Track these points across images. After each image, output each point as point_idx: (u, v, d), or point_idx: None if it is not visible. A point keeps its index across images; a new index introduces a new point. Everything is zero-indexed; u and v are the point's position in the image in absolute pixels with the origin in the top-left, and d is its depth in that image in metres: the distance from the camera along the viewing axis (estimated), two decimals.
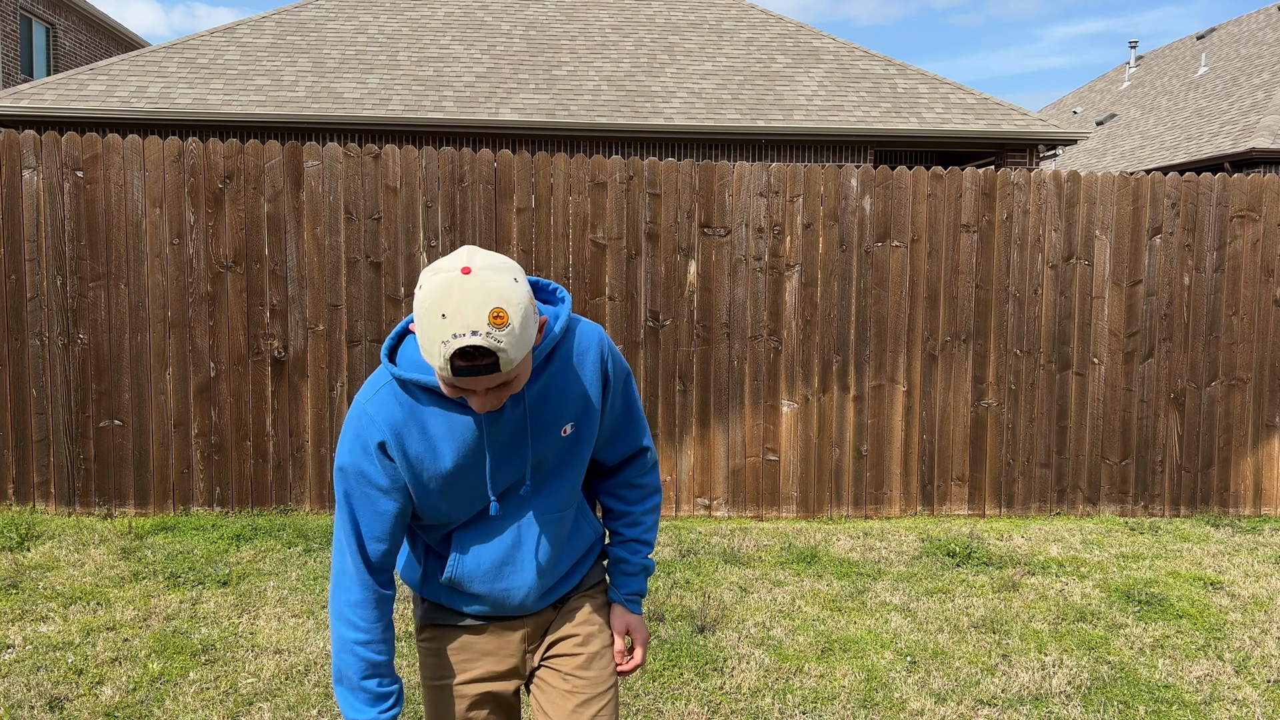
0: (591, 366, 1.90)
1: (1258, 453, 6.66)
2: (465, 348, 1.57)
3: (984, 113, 12.86)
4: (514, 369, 1.65)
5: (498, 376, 1.64)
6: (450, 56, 13.54)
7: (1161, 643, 4.38)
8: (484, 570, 1.92)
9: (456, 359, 1.58)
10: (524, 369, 1.70)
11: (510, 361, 1.61)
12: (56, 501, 5.93)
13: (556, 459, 1.91)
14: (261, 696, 3.65)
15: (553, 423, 1.86)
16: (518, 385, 1.71)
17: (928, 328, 6.41)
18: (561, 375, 1.86)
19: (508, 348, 1.59)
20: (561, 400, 1.87)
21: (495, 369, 1.61)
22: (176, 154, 5.91)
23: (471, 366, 1.60)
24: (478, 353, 1.58)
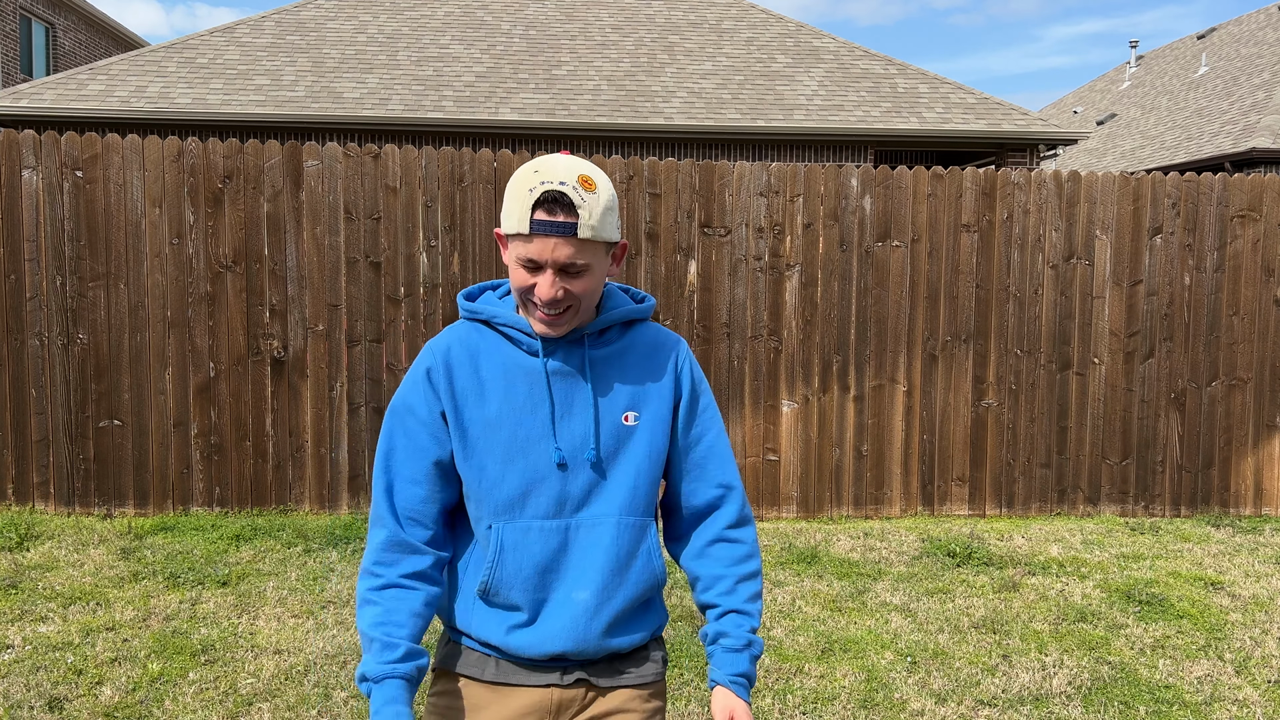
0: (664, 361, 1.80)
1: (1258, 453, 6.65)
2: (551, 192, 1.58)
3: (984, 112, 12.85)
4: (589, 248, 1.63)
5: (571, 244, 1.60)
6: (450, 56, 13.54)
7: (1162, 643, 4.37)
8: (526, 573, 1.71)
9: (539, 209, 1.58)
10: (597, 268, 1.66)
11: (590, 229, 1.60)
12: (56, 501, 5.93)
13: (616, 446, 1.74)
14: (261, 696, 3.65)
15: (614, 397, 1.75)
16: (586, 285, 1.65)
17: (928, 328, 6.40)
18: (632, 354, 1.78)
19: (589, 210, 1.60)
20: (625, 377, 1.76)
21: (572, 231, 1.59)
22: (176, 154, 5.91)
23: (551, 221, 1.59)
24: (562, 203, 1.59)
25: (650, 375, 1.78)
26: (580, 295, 1.66)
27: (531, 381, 1.72)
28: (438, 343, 1.76)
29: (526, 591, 1.71)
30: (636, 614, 1.78)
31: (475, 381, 1.73)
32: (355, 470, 6.10)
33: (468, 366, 1.74)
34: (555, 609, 1.71)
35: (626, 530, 1.73)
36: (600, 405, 1.73)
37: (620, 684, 1.77)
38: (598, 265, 1.67)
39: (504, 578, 1.71)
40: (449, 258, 6.11)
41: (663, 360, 1.80)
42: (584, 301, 1.68)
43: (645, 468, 1.75)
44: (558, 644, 1.70)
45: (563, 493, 1.72)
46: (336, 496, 6.10)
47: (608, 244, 1.69)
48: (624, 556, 1.73)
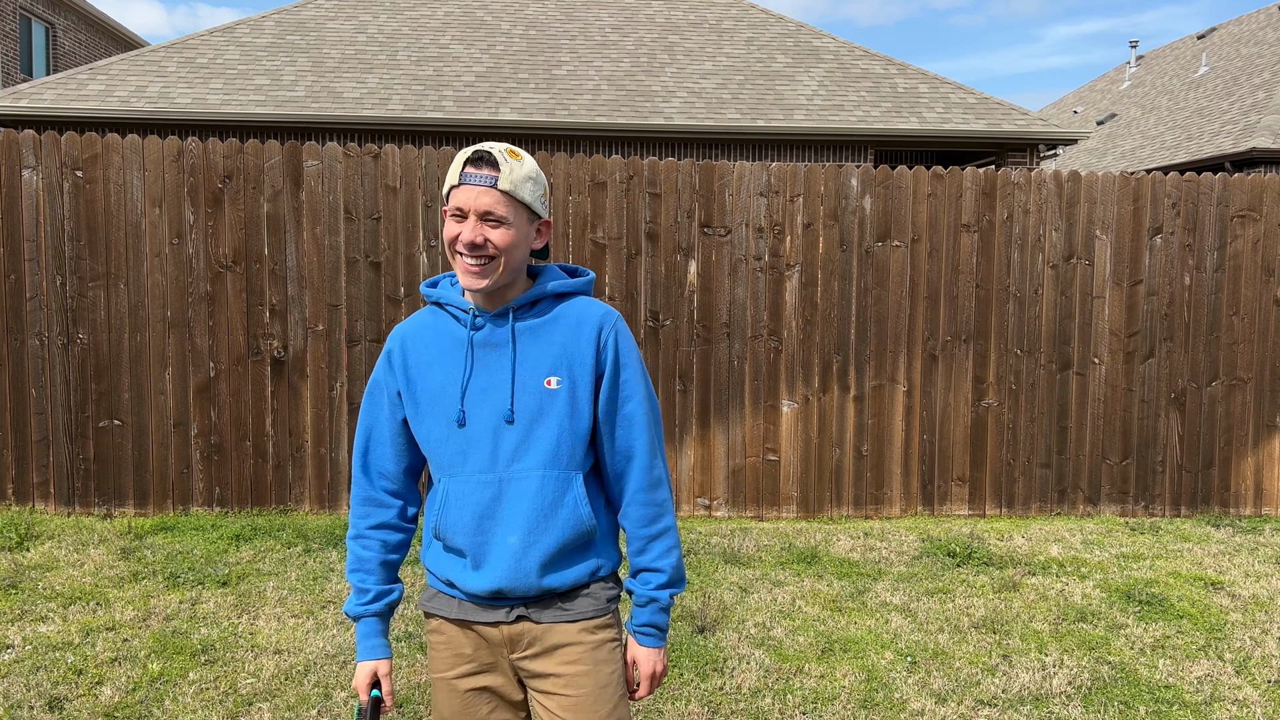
0: (588, 332, 1.98)
1: (1258, 453, 6.65)
2: (479, 152, 1.90)
3: (984, 112, 12.85)
4: (506, 202, 1.89)
5: (489, 194, 1.88)
6: (450, 56, 13.53)
7: (1162, 643, 4.37)
8: (466, 520, 1.95)
9: (468, 165, 1.89)
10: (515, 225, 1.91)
11: (508, 183, 1.88)
12: (56, 501, 5.93)
13: (538, 409, 1.95)
14: (261, 696, 3.65)
15: (537, 361, 1.96)
16: (505, 238, 1.90)
17: (928, 328, 6.40)
18: (560, 324, 1.98)
19: (510, 171, 1.89)
20: (550, 343, 1.97)
21: (492, 182, 1.88)
22: (176, 154, 5.91)
23: (475, 173, 1.89)
24: (485, 160, 1.89)
25: (575, 344, 1.97)
26: (500, 247, 1.90)
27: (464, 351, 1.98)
28: (399, 328, 2.07)
29: (468, 535, 1.95)
30: (569, 557, 1.98)
31: (425, 357, 2.00)
32: None
33: (420, 345, 2.01)
34: (492, 551, 1.95)
35: (550, 482, 1.95)
36: (521, 371, 1.96)
37: (561, 619, 1.98)
38: (516, 223, 1.92)
39: (449, 524, 1.97)
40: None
41: (589, 332, 1.98)
42: (504, 256, 1.91)
43: (567, 426, 1.95)
44: (494, 581, 1.94)
45: (495, 450, 1.95)
46: (336, 496, 6.10)
47: (529, 210, 1.95)
48: (548, 505, 1.94)
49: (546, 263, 2.10)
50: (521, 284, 2.01)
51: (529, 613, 1.98)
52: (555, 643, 1.98)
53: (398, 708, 3.59)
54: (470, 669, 2.01)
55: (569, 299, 2.02)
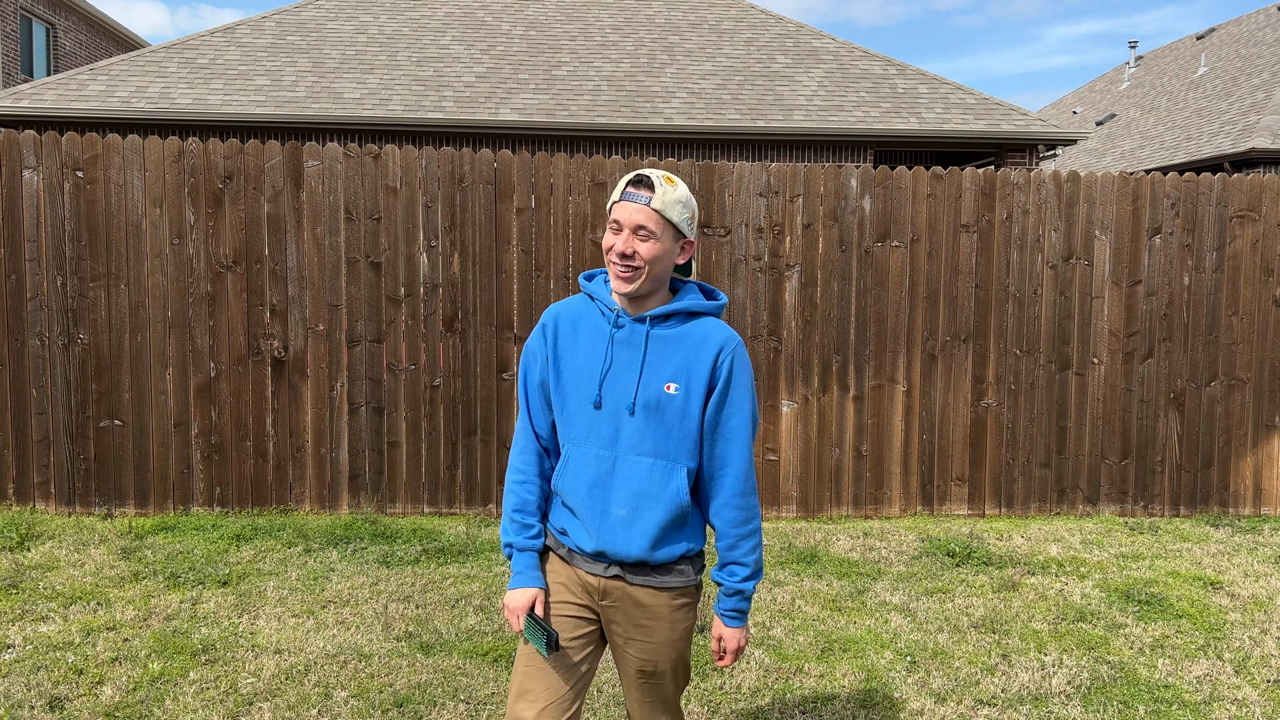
0: (709, 352, 2.26)
1: (1257, 453, 6.66)
2: (640, 175, 2.23)
3: (984, 113, 12.86)
4: (656, 221, 2.20)
5: (643, 211, 2.20)
6: (450, 56, 13.54)
7: (1161, 643, 4.38)
8: (581, 486, 2.27)
9: (629, 185, 2.23)
10: (663, 241, 2.22)
11: (660, 204, 2.20)
12: (56, 501, 5.94)
13: (657, 406, 2.24)
14: (261, 696, 3.65)
15: (661, 367, 2.25)
16: (652, 251, 2.20)
17: (928, 328, 6.41)
18: (688, 339, 2.27)
19: (664, 194, 2.21)
20: (675, 354, 2.26)
21: (646, 201, 2.20)
22: (176, 154, 5.92)
23: (634, 191, 2.21)
24: (644, 182, 2.21)
25: (696, 359, 2.26)
26: (646, 259, 2.21)
27: (604, 344, 2.28)
28: (554, 307, 2.39)
29: (580, 499, 2.27)
30: (666, 535, 2.27)
31: (573, 337, 2.33)
32: (355, 470, 6.10)
33: (569, 327, 2.34)
34: (599, 518, 2.26)
35: (658, 470, 2.25)
36: (647, 371, 2.25)
37: (648, 584, 2.30)
38: (663, 240, 2.22)
39: (566, 485, 2.30)
40: (449, 258, 6.11)
41: (709, 349, 2.27)
42: (649, 268, 2.22)
43: (677, 426, 2.25)
44: (598, 543, 2.27)
45: (616, 432, 2.26)
46: (337, 496, 6.10)
47: (675, 229, 2.25)
48: (654, 489, 2.24)
49: (690, 280, 2.39)
50: (662, 296, 2.31)
51: (624, 574, 2.29)
52: (642, 603, 2.30)
53: (398, 706, 3.59)
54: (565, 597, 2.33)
55: (700, 318, 2.30)
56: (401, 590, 4.78)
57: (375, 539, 5.58)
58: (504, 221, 6.14)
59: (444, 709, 3.59)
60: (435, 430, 6.14)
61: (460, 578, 5.00)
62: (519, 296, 6.16)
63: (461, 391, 6.15)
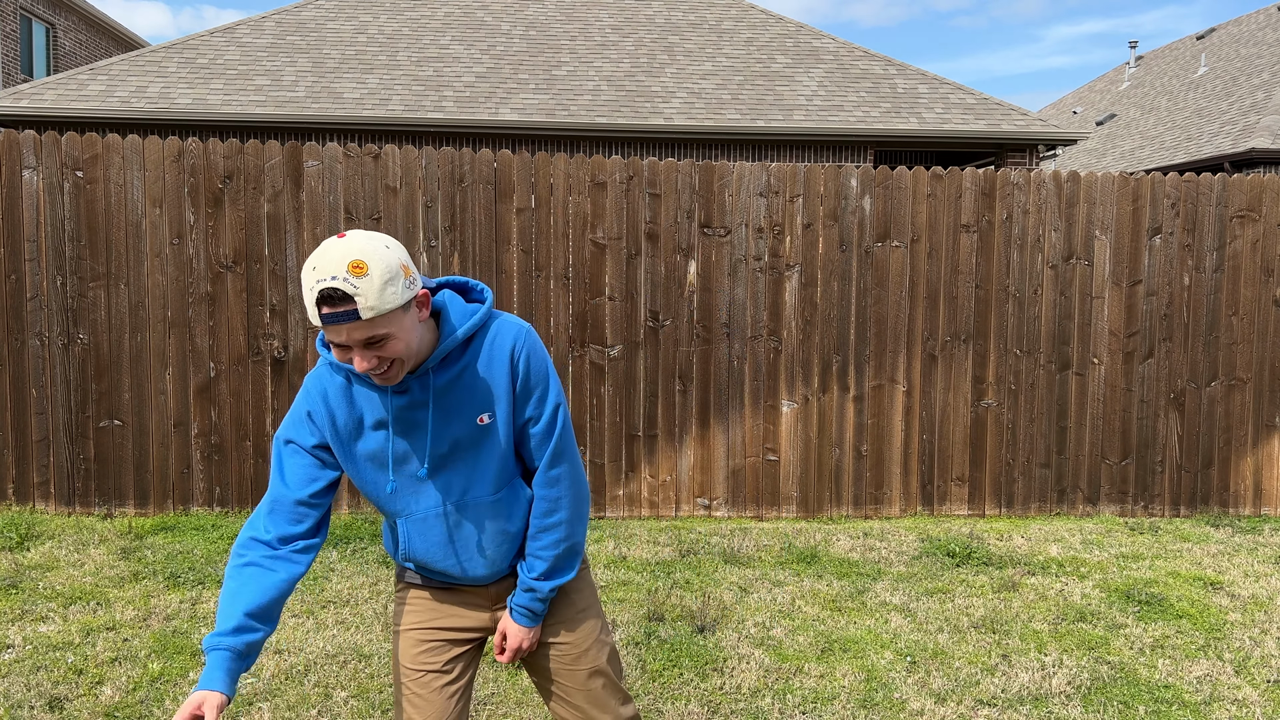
0: (501, 357, 2.04)
1: (1258, 453, 6.66)
2: (325, 290, 1.76)
3: (984, 113, 12.86)
4: (379, 322, 1.81)
5: (360, 326, 1.80)
6: (450, 56, 13.54)
7: (1161, 643, 4.38)
8: (433, 552, 2.11)
9: (322, 305, 1.78)
10: (399, 330, 1.85)
11: (370, 309, 1.78)
12: (56, 501, 5.93)
13: (472, 445, 2.04)
14: (261, 696, 3.65)
15: (463, 409, 2.02)
16: (396, 348, 1.85)
17: (928, 328, 6.41)
18: (478, 365, 2.03)
19: (364, 294, 1.77)
20: (474, 389, 2.02)
21: (355, 316, 1.78)
22: (176, 154, 5.92)
23: (333, 313, 1.78)
24: (336, 297, 1.77)
25: (493, 373, 2.04)
26: (395, 355, 1.87)
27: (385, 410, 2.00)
28: (315, 386, 2.03)
29: (440, 560, 2.12)
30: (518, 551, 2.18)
31: (353, 415, 2.02)
32: None
33: (344, 405, 2.02)
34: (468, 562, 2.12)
35: (502, 503, 2.10)
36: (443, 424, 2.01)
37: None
38: (398, 327, 1.85)
39: (418, 553, 2.12)
40: (449, 258, 6.11)
41: (500, 354, 2.04)
42: (405, 354, 1.89)
43: (506, 451, 2.09)
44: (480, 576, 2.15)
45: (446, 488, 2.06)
46: (337, 497, 6.10)
47: (400, 308, 1.85)
48: (504, 517, 2.11)
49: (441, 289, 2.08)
50: (428, 339, 1.98)
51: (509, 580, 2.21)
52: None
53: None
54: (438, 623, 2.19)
55: (476, 338, 2.04)
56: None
57: (375, 539, 5.58)
58: (504, 221, 6.14)
59: None
60: None
61: None
62: (519, 297, 6.16)
63: None
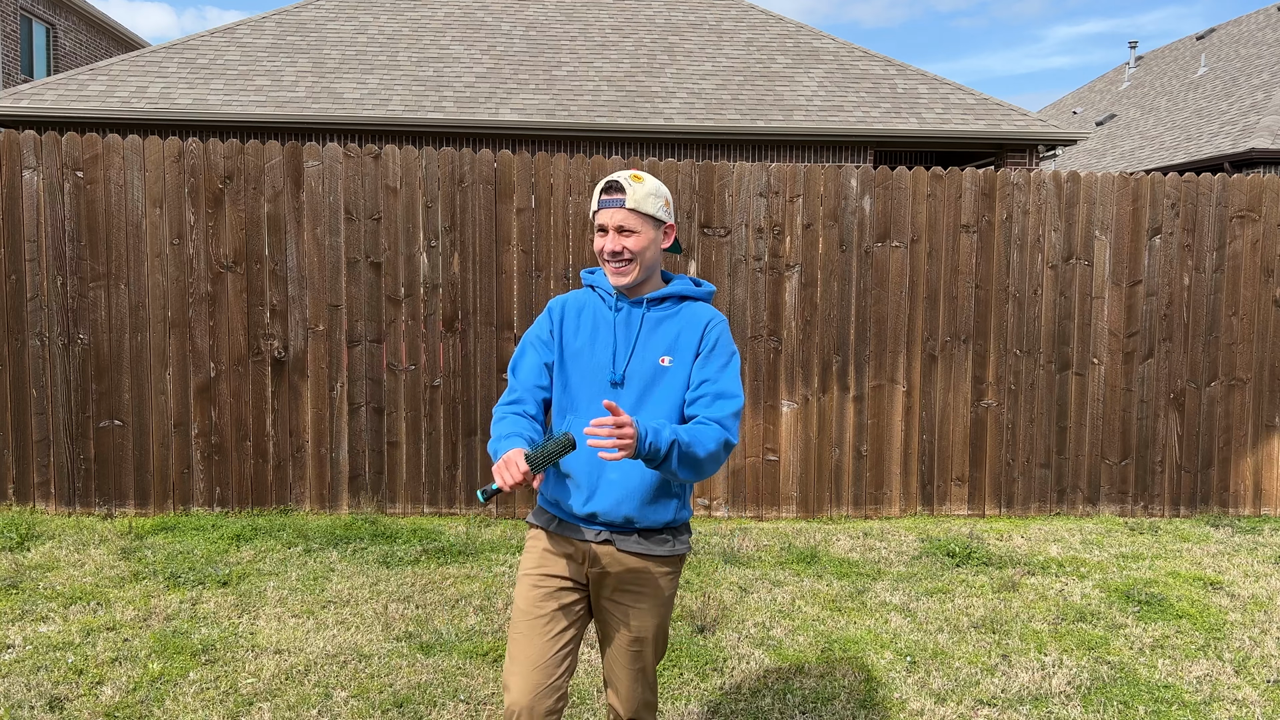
0: (697, 327, 2.53)
1: (1257, 453, 6.66)
2: (611, 179, 2.50)
3: (984, 113, 12.86)
4: (633, 218, 2.46)
5: (621, 213, 2.46)
6: (450, 57, 13.54)
7: (1161, 643, 4.38)
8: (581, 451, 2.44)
9: (603, 191, 2.49)
10: (643, 233, 2.47)
11: (634, 200, 2.46)
12: (56, 501, 5.94)
13: (650, 379, 2.48)
14: (261, 696, 3.65)
15: (656, 346, 2.50)
16: (637, 243, 2.47)
17: (928, 328, 6.41)
18: (678, 321, 2.53)
19: (633, 192, 2.47)
20: (668, 332, 2.52)
21: (621, 204, 2.46)
22: (176, 154, 5.92)
23: (608, 198, 2.48)
24: (614, 187, 2.48)
25: (689, 335, 2.52)
26: (634, 250, 2.47)
27: (604, 324, 2.55)
28: (559, 297, 2.65)
29: (578, 465, 2.47)
30: (654, 498, 2.47)
31: (578, 323, 2.58)
32: (355, 470, 6.10)
33: (574, 313, 2.60)
34: (595, 481, 2.46)
35: None
36: (642, 347, 2.51)
37: (635, 550, 2.48)
38: (645, 231, 2.48)
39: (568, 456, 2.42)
40: (449, 258, 6.11)
41: (699, 325, 2.53)
42: (639, 258, 2.48)
43: (675, 396, 2.49)
44: (591, 505, 2.46)
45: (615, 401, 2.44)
46: (337, 496, 6.10)
47: (654, 219, 2.50)
48: None
49: (681, 274, 2.60)
50: (655, 283, 2.58)
51: (613, 538, 2.48)
52: (630, 568, 2.50)
53: (398, 707, 3.59)
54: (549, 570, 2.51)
55: (690, 302, 2.57)
56: (401, 590, 4.78)
57: (375, 539, 5.58)
58: (504, 222, 6.14)
59: (444, 709, 3.59)
60: (435, 430, 6.14)
61: (460, 578, 5.00)
62: (519, 297, 6.16)
63: (461, 392, 6.15)
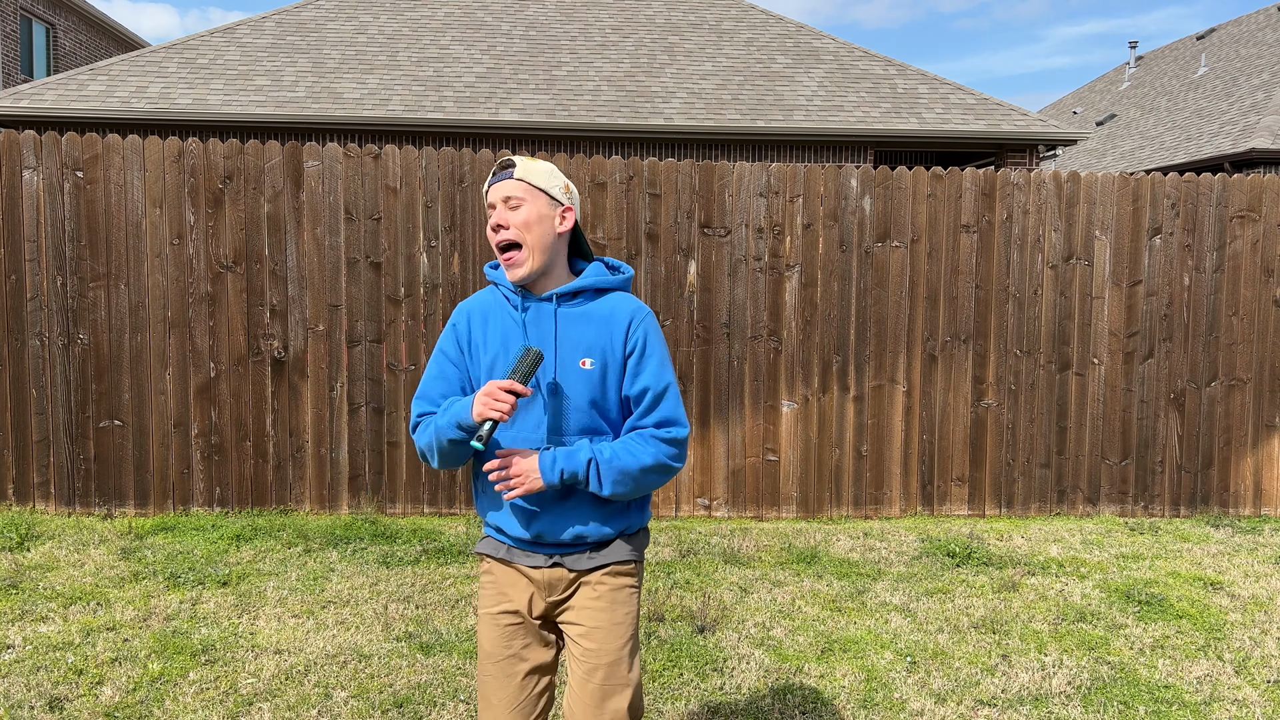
0: (619, 325, 2.28)
1: (1257, 453, 6.66)
2: (503, 159, 2.30)
3: (984, 113, 12.86)
4: (523, 189, 2.25)
5: (510, 184, 2.25)
6: (450, 56, 13.54)
7: (1161, 643, 4.38)
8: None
9: (495, 170, 2.29)
10: (534, 208, 2.26)
11: (524, 171, 2.26)
12: (56, 501, 5.93)
13: (573, 385, 2.24)
14: (261, 696, 3.65)
15: (575, 344, 2.25)
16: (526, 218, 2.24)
17: (928, 328, 6.41)
18: (593, 314, 2.28)
19: (525, 165, 2.28)
20: (585, 330, 2.26)
21: (510, 175, 2.26)
22: (176, 154, 5.91)
23: (499, 174, 2.27)
24: (507, 165, 2.28)
25: (607, 330, 2.27)
26: (519, 225, 2.24)
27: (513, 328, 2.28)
28: (467, 304, 2.39)
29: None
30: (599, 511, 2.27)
31: (485, 331, 2.32)
32: (356, 470, 6.10)
33: (480, 321, 2.34)
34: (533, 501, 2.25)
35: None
36: (561, 350, 2.24)
37: (588, 565, 2.29)
38: (535, 205, 2.26)
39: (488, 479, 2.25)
40: (449, 258, 6.11)
41: (619, 319, 2.28)
42: (528, 240, 2.24)
43: (598, 398, 2.25)
44: (534, 528, 2.26)
45: (539, 415, 2.24)
46: (337, 496, 6.10)
47: (547, 196, 2.29)
48: None
49: (596, 258, 2.42)
50: (562, 275, 2.33)
51: (563, 560, 2.29)
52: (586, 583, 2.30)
53: (398, 707, 3.59)
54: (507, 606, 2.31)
55: (608, 293, 2.32)
56: (401, 590, 4.78)
57: (375, 539, 5.58)
58: None
59: (444, 709, 3.59)
60: None
61: (460, 578, 5.00)
62: None
63: None
